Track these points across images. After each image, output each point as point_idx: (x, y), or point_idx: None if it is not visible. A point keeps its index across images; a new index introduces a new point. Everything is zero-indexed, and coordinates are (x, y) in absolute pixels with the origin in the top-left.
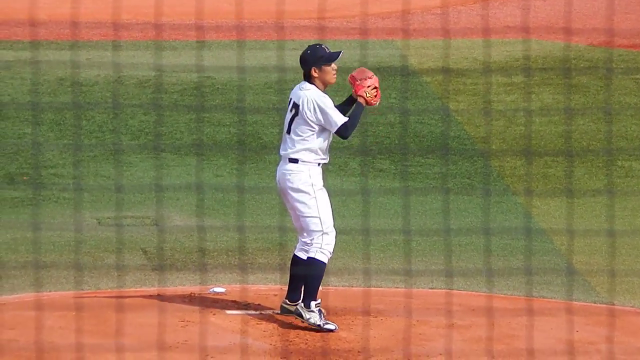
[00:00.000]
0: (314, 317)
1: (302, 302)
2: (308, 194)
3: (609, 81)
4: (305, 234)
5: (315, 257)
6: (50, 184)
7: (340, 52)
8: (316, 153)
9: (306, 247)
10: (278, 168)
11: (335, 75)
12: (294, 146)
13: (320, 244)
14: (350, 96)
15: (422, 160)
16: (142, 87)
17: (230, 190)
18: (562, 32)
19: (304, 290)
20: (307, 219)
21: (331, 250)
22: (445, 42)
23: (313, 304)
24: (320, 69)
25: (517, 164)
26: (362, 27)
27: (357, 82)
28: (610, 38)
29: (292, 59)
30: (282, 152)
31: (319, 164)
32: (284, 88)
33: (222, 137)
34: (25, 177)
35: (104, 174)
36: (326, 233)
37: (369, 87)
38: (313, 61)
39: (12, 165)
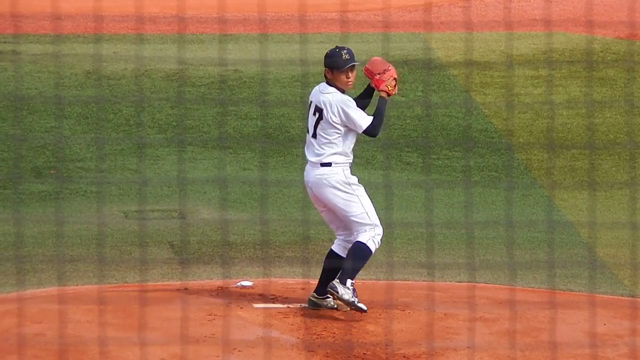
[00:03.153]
0: (348, 294)
1: (338, 278)
2: (348, 192)
3: (635, 74)
4: (354, 232)
5: (367, 244)
6: (77, 177)
7: (352, 63)
8: (346, 155)
9: (352, 239)
10: (307, 174)
11: (349, 84)
12: (324, 150)
13: (372, 235)
14: (367, 87)
15: (449, 154)
16: (169, 81)
17: (256, 184)
18: (587, 25)
19: (342, 270)
20: (354, 215)
21: (380, 241)
22: (471, 35)
23: (349, 282)
24: (332, 73)
25: (543, 157)
26: (386, 20)
27: (376, 77)
28: (635, 31)
29: (317, 52)
30: (312, 158)
31: (349, 164)
32: (310, 81)
33: (249, 130)
34: (52, 171)
35: (130, 168)
36: (377, 225)
37: (389, 79)
38: (327, 63)
39: (39, 159)
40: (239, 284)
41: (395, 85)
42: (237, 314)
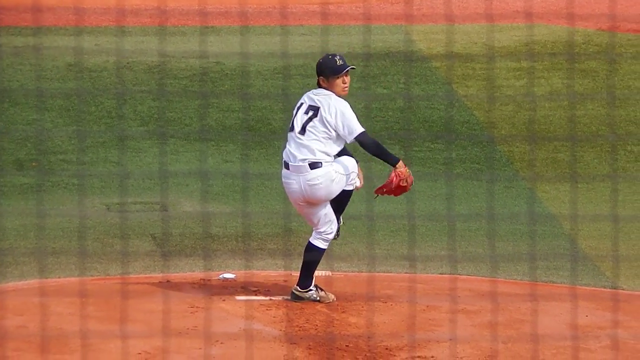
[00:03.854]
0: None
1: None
2: (340, 183)
3: (617, 66)
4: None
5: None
6: (58, 170)
7: (348, 66)
8: (330, 156)
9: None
10: (294, 179)
11: (345, 89)
12: (312, 150)
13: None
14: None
15: (431, 146)
16: (151, 73)
17: (238, 176)
18: (569, 17)
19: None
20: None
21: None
22: (452, 27)
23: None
24: (327, 80)
25: (525, 149)
26: (368, 12)
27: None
28: (617, 23)
29: (299, 45)
30: (299, 156)
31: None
32: (292, 74)
33: (230, 122)
34: (34, 164)
35: (112, 160)
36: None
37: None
38: (320, 71)
39: (21, 152)
40: (221, 276)
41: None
42: (220, 307)
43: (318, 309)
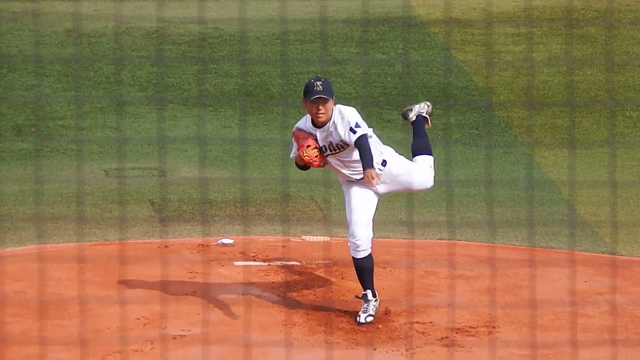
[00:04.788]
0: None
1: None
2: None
3: (616, 31)
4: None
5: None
6: (57, 135)
7: (316, 95)
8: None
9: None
10: None
11: (318, 116)
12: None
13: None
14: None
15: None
16: (149, 39)
17: (236, 142)
18: None
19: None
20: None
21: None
22: None
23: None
24: (305, 103)
25: (523, 115)
26: None
27: (299, 141)
28: None
29: (297, 10)
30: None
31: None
32: (290, 39)
33: (229, 88)
34: (32, 129)
35: (110, 126)
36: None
37: (308, 147)
38: (303, 92)
39: (20, 117)
40: (219, 241)
41: (317, 156)
42: (218, 272)
43: (317, 274)
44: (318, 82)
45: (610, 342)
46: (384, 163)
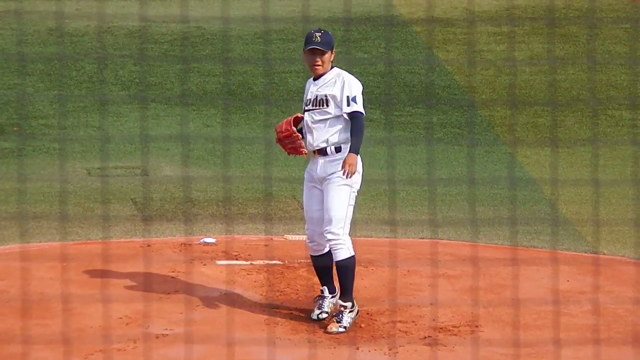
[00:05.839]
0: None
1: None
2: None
3: (598, 30)
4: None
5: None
6: (39, 134)
7: (310, 46)
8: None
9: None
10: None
11: (314, 68)
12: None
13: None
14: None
15: (411, 110)
16: (131, 38)
17: (218, 141)
18: None
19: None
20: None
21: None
22: None
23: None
24: (304, 54)
25: (505, 114)
26: None
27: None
28: None
29: (279, 9)
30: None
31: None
32: (272, 38)
33: (211, 87)
34: (15, 128)
35: (93, 125)
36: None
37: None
38: (304, 43)
39: (2, 116)
40: (201, 240)
41: (292, 148)
42: (200, 271)
43: (299, 273)
44: (317, 34)
45: (592, 341)
46: (338, 149)
